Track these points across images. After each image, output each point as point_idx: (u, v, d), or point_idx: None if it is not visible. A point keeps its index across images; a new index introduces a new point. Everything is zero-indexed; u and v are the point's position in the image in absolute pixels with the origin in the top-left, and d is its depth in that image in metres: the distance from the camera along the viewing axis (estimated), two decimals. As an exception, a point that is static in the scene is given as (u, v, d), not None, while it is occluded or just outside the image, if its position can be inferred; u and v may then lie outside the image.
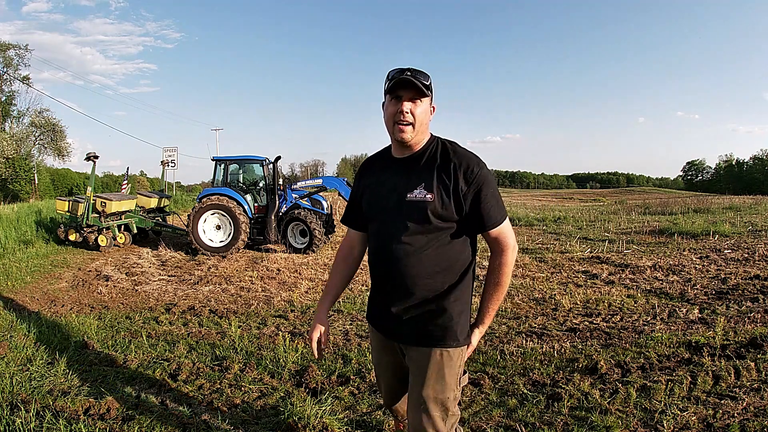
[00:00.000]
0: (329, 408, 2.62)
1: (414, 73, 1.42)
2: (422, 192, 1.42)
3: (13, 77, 31.65)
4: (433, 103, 1.52)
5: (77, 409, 2.53)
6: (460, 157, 1.44)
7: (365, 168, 1.68)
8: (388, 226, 1.49)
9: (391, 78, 1.44)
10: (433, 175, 1.44)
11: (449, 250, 1.46)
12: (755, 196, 26.80)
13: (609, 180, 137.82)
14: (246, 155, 9.23)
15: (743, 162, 76.58)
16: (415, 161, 1.50)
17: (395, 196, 1.48)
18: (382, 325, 1.61)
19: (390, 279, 1.51)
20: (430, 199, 1.41)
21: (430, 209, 1.41)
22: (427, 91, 1.44)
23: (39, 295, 5.76)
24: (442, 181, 1.42)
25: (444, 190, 1.41)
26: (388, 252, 1.48)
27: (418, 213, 1.42)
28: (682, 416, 2.42)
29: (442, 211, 1.41)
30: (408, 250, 1.45)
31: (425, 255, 1.44)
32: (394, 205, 1.48)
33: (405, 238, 1.45)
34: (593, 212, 16.80)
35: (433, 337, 1.48)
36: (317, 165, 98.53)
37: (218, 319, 4.64)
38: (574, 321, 4.21)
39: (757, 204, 16.52)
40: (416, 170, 1.47)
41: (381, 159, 1.63)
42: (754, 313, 4.10)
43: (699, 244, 8.02)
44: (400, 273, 1.47)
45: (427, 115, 1.49)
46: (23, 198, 29.04)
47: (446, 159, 1.45)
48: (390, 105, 1.46)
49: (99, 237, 9.05)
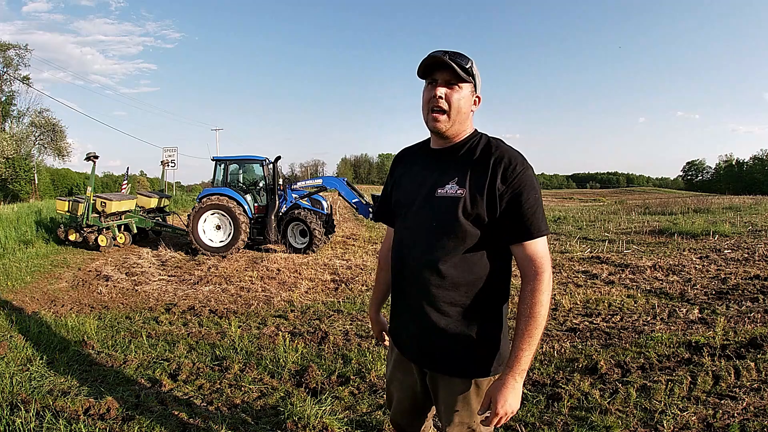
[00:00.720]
0: (329, 408, 2.62)
1: (452, 54, 1.25)
2: (454, 187, 1.26)
3: (13, 77, 31.67)
4: (478, 93, 1.34)
5: (77, 409, 2.53)
6: (503, 151, 1.26)
7: (399, 158, 1.53)
8: (413, 224, 1.34)
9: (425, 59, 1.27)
10: (468, 168, 1.26)
11: (479, 259, 1.27)
12: (755, 196, 26.81)
13: (609, 180, 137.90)
14: (246, 155, 9.23)
15: (743, 162, 76.68)
16: (451, 153, 1.33)
17: (425, 190, 1.32)
18: (401, 342, 1.46)
19: (409, 287, 1.35)
20: (460, 194, 1.24)
21: (460, 207, 1.23)
22: (467, 75, 1.26)
23: (39, 295, 5.76)
24: (476, 175, 1.24)
25: (477, 186, 1.23)
26: (410, 254, 1.34)
27: (447, 211, 1.25)
28: (682, 416, 2.42)
29: (473, 210, 1.23)
30: (433, 253, 1.28)
31: (451, 262, 1.26)
32: (423, 201, 1.32)
33: (430, 239, 1.29)
34: (593, 212, 16.80)
35: (458, 366, 1.30)
36: (317, 165, 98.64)
37: (218, 319, 4.64)
38: (574, 321, 4.21)
39: (757, 204, 16.52)
40: (452, 164, 1.31)
41: (417, 149, 1.48)
42: (754, 313, 4.10)
43: (699, 244, 8.02)
44: (421, 281, 1.30)
45: (468, 103, 1.30)
46: (23, 198, 29.04)
47: (486, 153, 1.27)
48: (425, 90, 1.31)
49: (99, 237, 9.05)
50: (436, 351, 1.32)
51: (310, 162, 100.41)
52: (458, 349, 1.29)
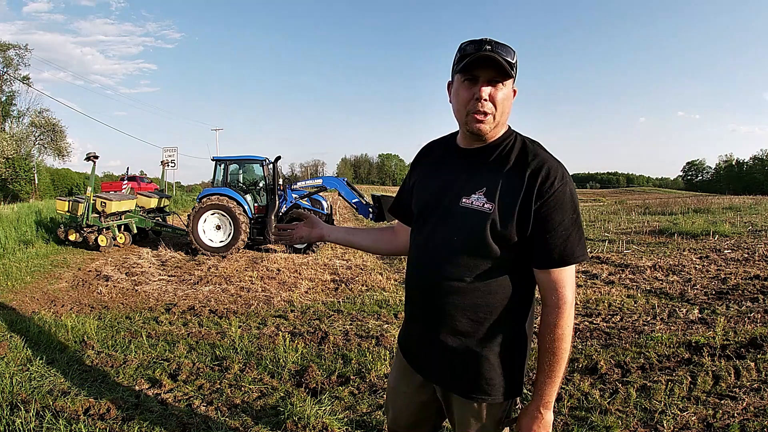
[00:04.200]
0: (329, 408, 2.62)
1: (495, 46, 1.08)
2: (481, 199, 1.12)
3: (13, 77, 31.71)
4: (515, 85, 1.17)
5: (77, 409, 2.53)
6: (541, 161, 1.10)
7: (423, 154, 1.39)
8: (432, 234, 1.21)
9: (465, 53, 1.11)
10: (500, 178, 1.12)
11: (502, 281, 1.14)
12: (755, 196, 26.82)
13: (609, 180, 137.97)
14: (246, 155, 9.23)
15: (743, 162, 76.71)
16: (482, 155, 1.18)
17: (448, 197, 1.18)
18: (411, 356, 1.36)
19: (424, 303, 1.25)
20: (489, 210, 1.10)
21: (488, 224, 1.09)
22: (512, 70, 1.11)
23: (39, 295, 5.75)
24: (509, 188, 1.10)
25: (509, 202, 1.09)
26: (426, 268, 1.22)
27: (471, 226, 1.12)
28: (682, 416, 2.42)
29: (502, 229, 1.09)
30: (450, 271, 1.16)
31: (471, 282, 1.14)
32: (445, 209, 1.19)
33: (448, 255, 1.16)
34: (593, 212, 16.80)
35: (470, 387, 1.20)
36: (317, 165, 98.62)
37: (218, 319, 4.64)
38: (574, 321, 4.20)
39: (757, 204, 16.52)
40: (481, 168, 1.17)
41: (443, 146, 1.32)
42: (754, 313, 4.10)
43: (699, 244, 8.02)
44: (437, 299, 1.19)
45: (510, 101, 1.16)
46: (23, 198, 29.04)
47: (523, 161, 1.12)
48: (462, 88, 1.14)
49: (99, 237, 9.05)
50: (448, 371, 1.24)
51: (310, 162, 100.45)
52: (471, 372, 1.19)
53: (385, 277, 6.31)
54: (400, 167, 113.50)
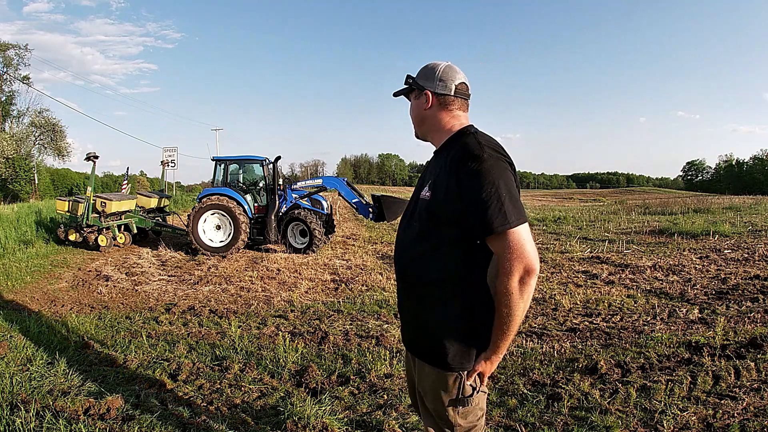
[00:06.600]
0: (329, 408, 2.62)
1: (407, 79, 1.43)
2: (427, 191, 1.34)
3: (13, 77, 31.69)
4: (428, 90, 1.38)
5: (77, 409, 2.53)
6: (460, 147, 1.27)
7: (426, 164, 1.64)
8: (403, 226, 1.47)
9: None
10: (438, 171, 1.33)
11: (446, 257, 1.29)
12: (755, 196, 26.77)
13: (609, 180, 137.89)
14: (246, 155, 9.23)
15: (743, 162, 76.59)
16: (437, 156, 1.43)
17: (416, 195, 1.45)
18: (402, 330, 1.57)
19: (398, 282, 1.50)
20: (428, 197, 1.32)
21: (426, 208, 1.32)
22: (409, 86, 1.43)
23: (39, 295, 5.76)
24: (441, 176, 1.29)
25: (440, 187, 1.29)
26: (397, 254, 1.47)
27: (420, 213, 1.35)
28: (682, 416, 2.42)
29: (438, 210, 1.29)
30: (410, 254, 1.39)
31: (422, 261, 1.33)
32: (413, 205, 1.44)
33: (409, 240, 1.40)
34: (593, 212, 16.79)
35: (425, 354, 1.39)
36: (317, 165, 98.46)
37: (218, 319, 4.64)
38: (574, 321, 4.21)
39: (757, 204, 16.51)
40: (434, 166, 1.41)
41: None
42: (754, 313, 4.10)
43: (699, 244, 8.01)
44: (402, 277, 1.44)
45: (420, 109, 1.42)
46: (23, 198, 29.05)
47: (452, 152, 1.30)
48: None
49: (99, 237, 9.05)
50: (411, 335, 1.46)
51: (310, 162, 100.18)
52: (426, 341, 1.37)
53: (385, 277, 6.31)
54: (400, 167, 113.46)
